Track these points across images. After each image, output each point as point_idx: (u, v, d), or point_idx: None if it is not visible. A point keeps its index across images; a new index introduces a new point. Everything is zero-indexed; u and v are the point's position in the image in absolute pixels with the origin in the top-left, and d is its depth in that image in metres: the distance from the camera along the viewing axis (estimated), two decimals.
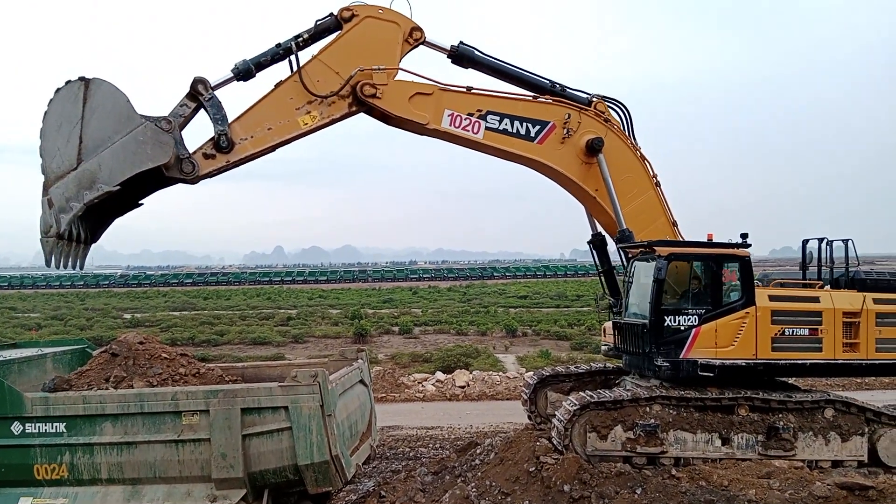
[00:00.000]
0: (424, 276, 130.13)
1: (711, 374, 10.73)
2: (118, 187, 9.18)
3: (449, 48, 11.62)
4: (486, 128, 11.36)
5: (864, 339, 11.34)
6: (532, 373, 14.99)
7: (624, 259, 12.60)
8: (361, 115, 11.17)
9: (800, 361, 11.12)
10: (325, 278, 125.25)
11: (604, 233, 13.17)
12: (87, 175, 9.02)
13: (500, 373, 24.15)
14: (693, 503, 9.19)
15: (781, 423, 10.81)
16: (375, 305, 63.24)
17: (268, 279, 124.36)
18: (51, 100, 9.09)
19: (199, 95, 9.86)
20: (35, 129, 9.25)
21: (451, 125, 11.21)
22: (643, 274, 11.77)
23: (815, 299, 11.46)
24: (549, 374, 13.87)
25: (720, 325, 10.99)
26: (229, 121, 10.08)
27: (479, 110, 11.34)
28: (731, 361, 10.86)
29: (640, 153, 12.31)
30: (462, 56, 11.72)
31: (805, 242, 12.94)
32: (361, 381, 10.61)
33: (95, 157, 9.05)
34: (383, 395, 21.16)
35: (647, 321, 11.01)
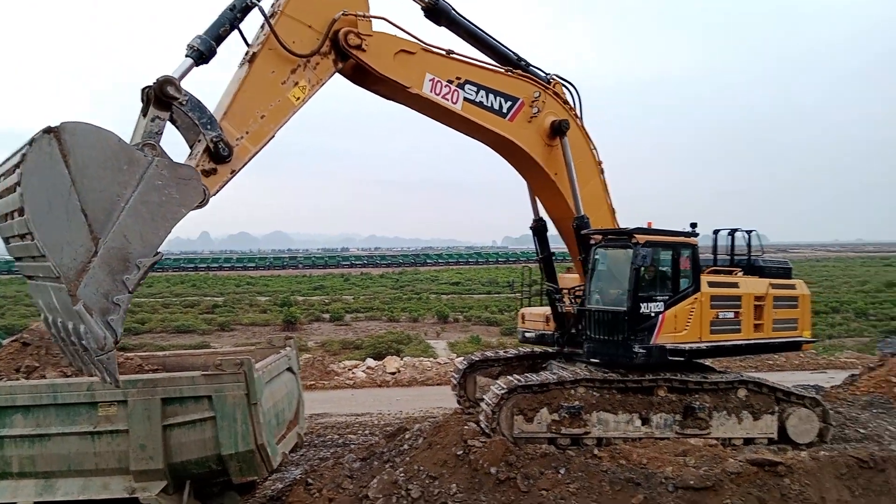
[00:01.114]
0: (357, 262, 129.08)
1: (682, 359, 11.14)
2: (160, 255, 7.06)
3: (427, 0, 10.52)
4: (465, 98, 10.48)
5: (766, 321, 12.31)
6: (462, 358, 15.14)
7: (578, 246, 12.23)
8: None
9: (727, 343, 11.85)
10: (253, 265, 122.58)
11: (545, 218, 13.04)
12: (115, 255, 6.55)
13: (431, 359, 24.31)
14: (613, 481, 9.50)
15: (697, 403, 11.30)
16: (306, 292, 62.41)
17: (193, 266, 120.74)
18: (20, 174, 6.05)
19: (172, 100, 7.37)
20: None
21: (431, 91, 10.10)
22: (613, 261, 12.01)
23: (737, 285, 12.24)
24: (478, 359, 14.03)
25: (678, 311, 11.37)
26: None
27: (458, 78, 10.39)
28: (696, 345, 11.37)
29: (589, 138, 12.20)
30: (440, 12, 10.67)
31: (716, 233, 13.61)
32: (289, 369, 10.48)
33: (114, 227, 6.54)
34: (312, 382, 20.95)
35: (625, 308, 11.13)
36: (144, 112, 7.33)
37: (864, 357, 24.62)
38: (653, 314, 11.14)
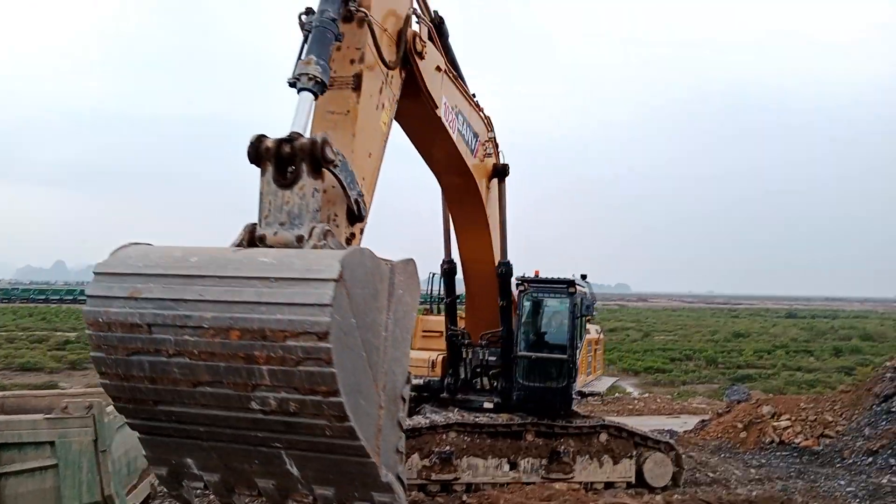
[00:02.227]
0: None
1: (599, 400, 11.90)
2: (411, 374, 5.57)
3: (433, 14, 8.61)
4: (458, 128, 9.41)
5: (594, 363, 13.85)
6: None
7: (501, 291, 11.84)
8: None
9: (590, 383, 12.98)
10: None
11: (456, 261, 12.42)
12: (391, 397, 5.06)
13: None
14: None
15: (563, 447, 11.68)
16: None
17: (44, 297, 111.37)
18: (330, 350, 4.18)
19: (331, 164, 5.44)
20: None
21: (444, 115, 8.61)
22: (548, 309, 12.61)
23: (588, 331, 13.38)
24: None
25: (582, 356, 12.22)
26: None
27: (455, 105, 9.16)
28: (591, 387, 12.49)
29: None
30: (443, 34, 9.09)
31: None
32: None
33: (382, 364, 4.99)
34: None
35: (566, 356, 11.67)
36: (281, 180, 5.25)
37: (713, 403, 26.41)
38: (576, 360, 11.86)
